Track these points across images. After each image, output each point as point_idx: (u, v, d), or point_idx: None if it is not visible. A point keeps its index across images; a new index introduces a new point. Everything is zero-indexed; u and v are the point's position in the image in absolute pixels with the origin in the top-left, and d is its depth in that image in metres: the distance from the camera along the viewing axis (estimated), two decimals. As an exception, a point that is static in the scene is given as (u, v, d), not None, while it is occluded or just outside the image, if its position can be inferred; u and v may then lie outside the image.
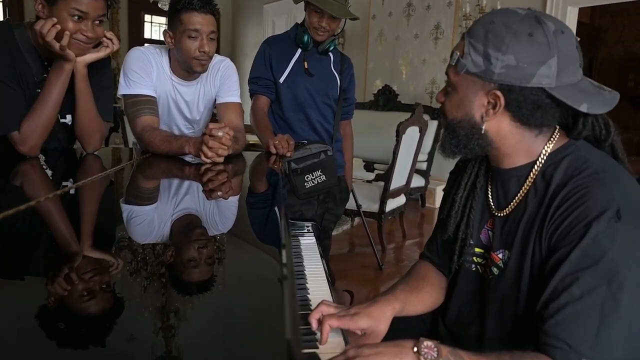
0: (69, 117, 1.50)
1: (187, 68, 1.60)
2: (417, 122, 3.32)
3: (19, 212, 0.85)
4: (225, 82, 1.69)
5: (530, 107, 0.83)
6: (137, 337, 0.53)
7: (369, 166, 4.29)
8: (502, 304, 0.91)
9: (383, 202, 3.25)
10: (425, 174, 4.50)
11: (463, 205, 1.00)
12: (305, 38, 1.92)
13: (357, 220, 3.87)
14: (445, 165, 4.88)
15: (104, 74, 1.56)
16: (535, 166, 0.88)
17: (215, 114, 1.79)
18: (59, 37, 1.30)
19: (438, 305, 1.08)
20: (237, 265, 0.80)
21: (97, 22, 1.36)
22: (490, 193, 0.98)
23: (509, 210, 0.92)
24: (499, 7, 4.14)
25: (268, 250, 0.91)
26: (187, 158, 1.52)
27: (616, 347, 0.73)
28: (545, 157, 0.88)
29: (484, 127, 0.87)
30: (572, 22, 4.00)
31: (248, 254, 0.89)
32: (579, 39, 0.88)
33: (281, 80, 1.96)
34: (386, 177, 3.27)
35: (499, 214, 0.94)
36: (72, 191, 1.13)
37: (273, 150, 1.68)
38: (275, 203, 1.21)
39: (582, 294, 0.74)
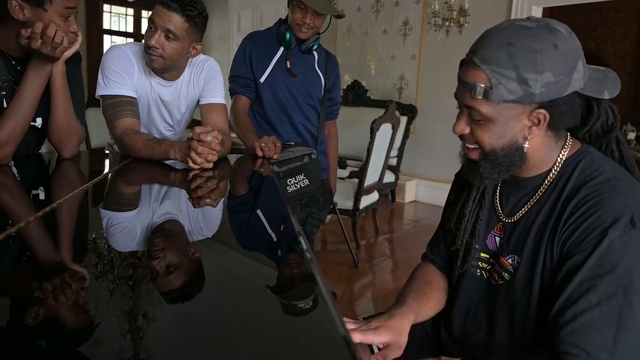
0: (39, 120, 1.40)
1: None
2: (390, 119, 3.33)
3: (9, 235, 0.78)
4: (209, 82, 1.61)
5: (568, 113, 0.83)
6: (104, 340, 0.53)
7: (341, 162, 4.27)
8: (512, 310, 0.91)
9: (357, 199, 3.25)
10: (395, 169, 4.53)
11: (470, 215, 1.00)
12: (288, 36, 1.84)
13: (329, 217, 3.86)
14: (415, 161, 4.90)
15: (76, 71, 1.46)
16: (551, 173, 0.89)
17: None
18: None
19: (442, 308, 1.08)
20: (237, 270, 0.79)
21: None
22: (498, 199, 0.98)
23: (519, 215, 0.92)
24: (467, 5, 4.15)
25: (264, 255, 0.90)
26: (170, 162, 1.45)
27: (633, 353, 0.74)
28: (560, 164, 0.88)
29: (526, 146, 0.86)
30: (536, 22, 4.10)
31: (252, 259, 0.87)
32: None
33: (261, 80, 1.87)
34: (360, 174, 3.27)
35: (509, 220, 0.94)
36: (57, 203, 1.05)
37: (259, 153, 1.62)
38: (274, 204, 1.17)
39: (599, 301, 0.75)
